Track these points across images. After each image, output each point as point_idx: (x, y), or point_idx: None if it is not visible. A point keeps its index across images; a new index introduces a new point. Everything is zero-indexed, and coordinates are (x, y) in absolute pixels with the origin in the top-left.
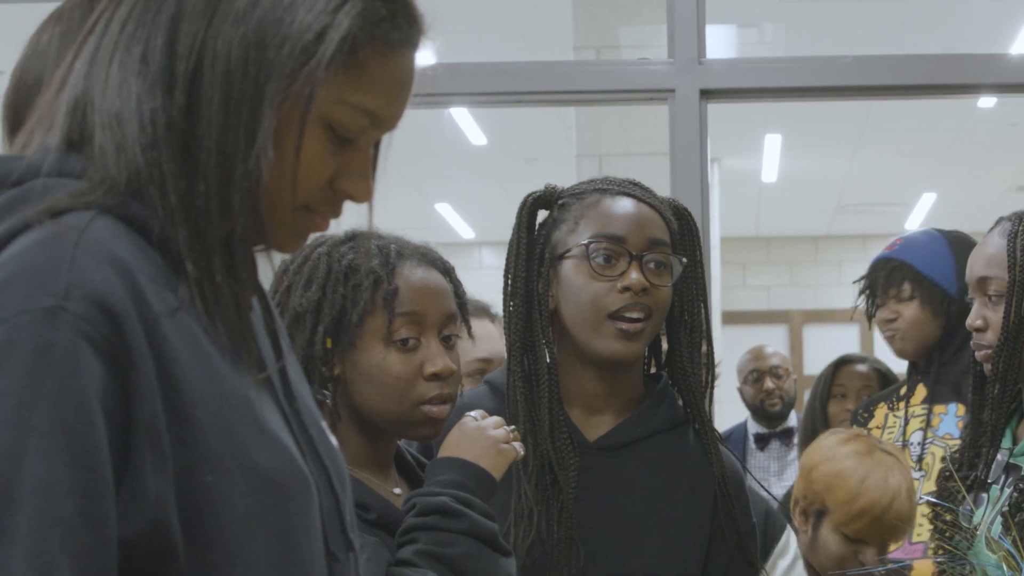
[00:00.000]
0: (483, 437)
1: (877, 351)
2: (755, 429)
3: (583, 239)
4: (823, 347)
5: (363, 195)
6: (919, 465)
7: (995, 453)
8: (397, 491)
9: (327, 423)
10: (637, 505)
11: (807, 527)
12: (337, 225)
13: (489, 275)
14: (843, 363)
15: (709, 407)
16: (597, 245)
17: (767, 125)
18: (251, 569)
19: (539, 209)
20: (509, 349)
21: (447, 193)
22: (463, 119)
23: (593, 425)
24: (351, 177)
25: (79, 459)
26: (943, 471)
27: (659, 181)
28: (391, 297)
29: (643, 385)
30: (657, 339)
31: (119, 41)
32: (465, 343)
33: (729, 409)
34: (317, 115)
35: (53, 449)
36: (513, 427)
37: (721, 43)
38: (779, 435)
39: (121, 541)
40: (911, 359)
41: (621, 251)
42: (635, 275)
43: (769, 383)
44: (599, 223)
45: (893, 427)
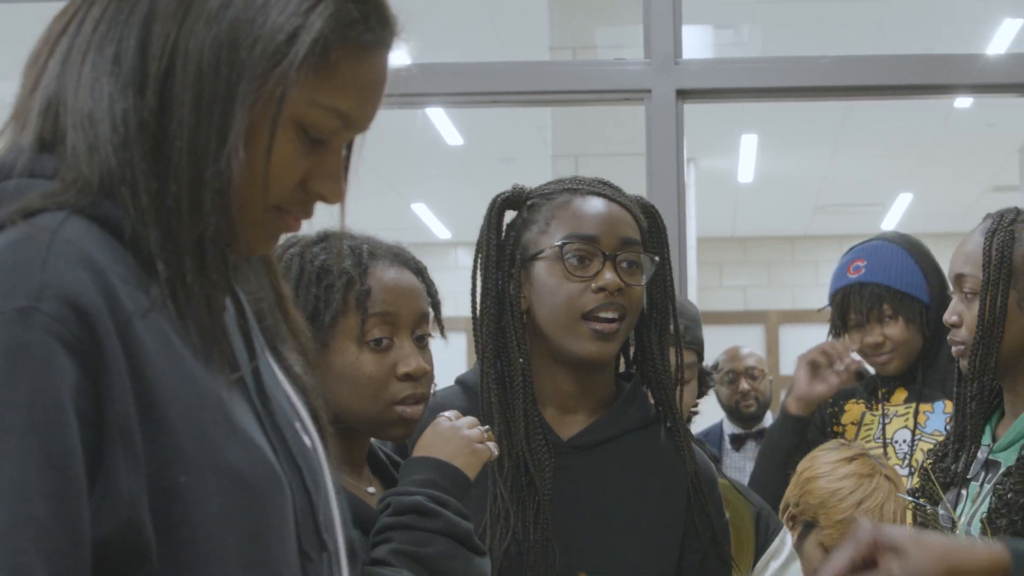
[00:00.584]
0: (457, 437)
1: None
2: (731, 430)
3: (556, 240)
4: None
5: (335, 196)
6: (907, 462)
7: (975, 450)
8: (371, 490)
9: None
10: (611, 504)
11: (794, 534)
12: (310, 226)
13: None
14: None
15: (681, 405)
16: (571, 246)
17: (743, 125)
18: (223, 569)
19: (507, 209)
20: (481, 350)
21: (423, 193)
22: (439, 119)
23: (566, 424)
24: (323, 178)
25: (52, 459)
26: (922, 466)
27: (635, 181)
28: (364, 298)
29: (615, 384)
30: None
31: (92, 41)
32: None
33: (705, 409)
34: (289, 116)
35: (26, 450)
36: (487, 427)
37: (697, 43)
38: (755, 436)
39: (94, 541)
40: (898, 374)
41: (594, 251)
42: (609, 275)
43: (744, 384)
44: (571, 223)
45: (871, 425)
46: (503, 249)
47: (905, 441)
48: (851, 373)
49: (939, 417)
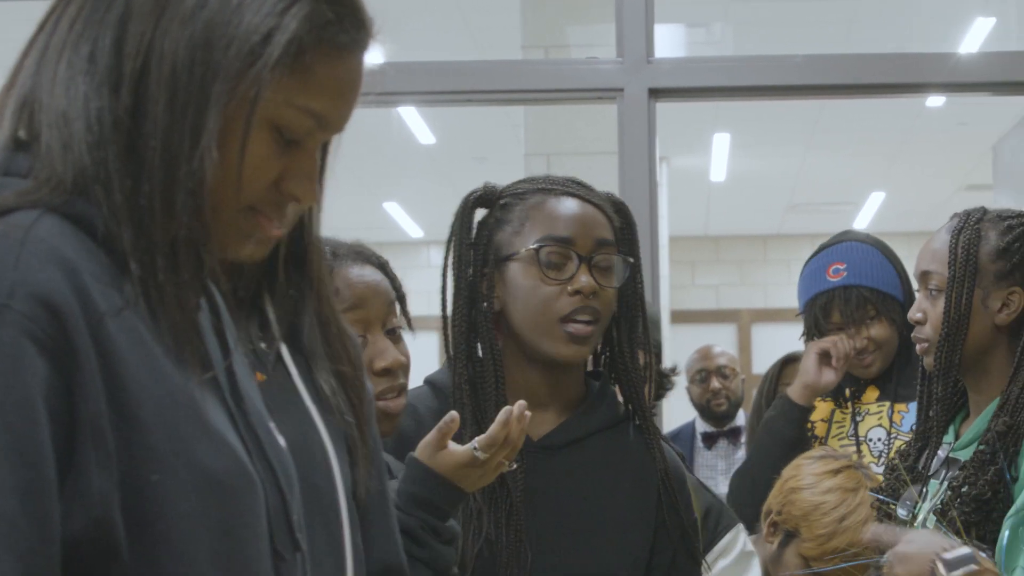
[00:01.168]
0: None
1: None
2: (703, 428)
3: (530, 241)
4: (772, 346)
5: (308, 196)
6: (882, 460)
7: (937, 448)
8: None
9: None
10: (582, 503)
11: (774, 540)
12: None
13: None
14: (789, 361)
15: (651, 404)
16: (546, 249)
17: (716, 124)
18: (195, 567)
19: (479, 208)
20: (453, 350)
21: (396, 192)
22: (411, 118)
23: (535, 423)
24: (296, 178)
25: (22, 457)
26: (889, 462)
27: (608, 180)
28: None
29: (583, 382)
30: None
31: (67, 40)
32: None
33: (678, 408)
34: (263, 116)
35: None
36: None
37: (670, 42)
38: (726, 434)
39: (65, 539)
40: (878, 376)
41: (570, 253)
42: (584, 278)
43: (716, 383)
44: (546, 225)
45: (842, 423)
46: (475, 248)
47: (880, 440)
48: (842, 373)
49: (914, 416)
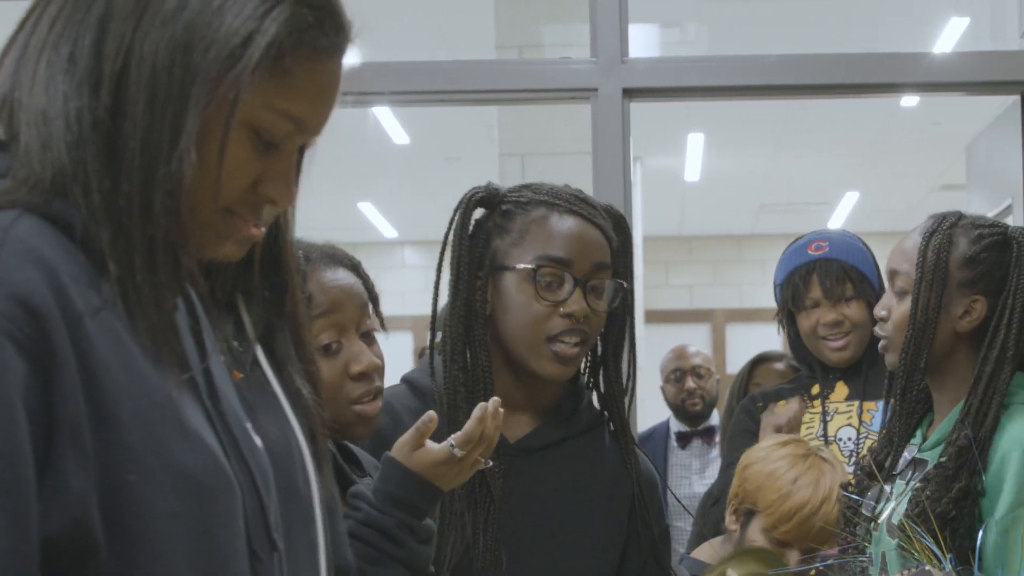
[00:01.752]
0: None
1: None
2: (677, 428)
3: (528, 257)
4: (746, 346)
5: (285, 199)
6: (853, 460)
7: (903, 448)
8: None
9: None
10: (556, 506)
11: (736, 527)
12: None
13: (411, 274)
14: (760, 361)
15: (630, 408)
16: (544, 269)
17: (690, 124)
18: (172, 568)
19: (479, 208)
20: (447, 351)
21: (369, 192)
22: (385, 118)
23: (511, 426)
24: (274, 181)
25: (0, 457)
26: (857, 464)
27: (582, 180)
28: (306, 303)
29: (560, 386)
30: None
31: (48, 40)
32: None
33: (652, 408)
34: (242, 119)
35: None
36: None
37: (644, 42)
38: (701, 433)
39: (42, 539)
40: (848, 365)
41: (566, 276)
42: (576, 305)
43: (691, 383)
44: (545, 243)
45: (811, 423)
46: (472, 250)
47: (850, 439)
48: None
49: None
